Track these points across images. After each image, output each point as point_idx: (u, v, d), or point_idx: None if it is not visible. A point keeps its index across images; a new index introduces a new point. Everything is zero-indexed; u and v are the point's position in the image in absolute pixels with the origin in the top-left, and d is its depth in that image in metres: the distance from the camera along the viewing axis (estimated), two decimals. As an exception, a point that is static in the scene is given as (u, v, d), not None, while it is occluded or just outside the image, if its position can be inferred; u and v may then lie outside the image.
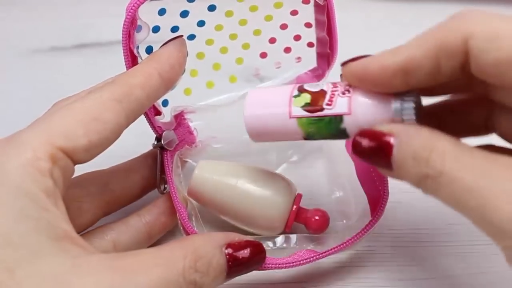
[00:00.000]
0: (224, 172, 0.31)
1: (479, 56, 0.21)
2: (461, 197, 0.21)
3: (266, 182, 0.31)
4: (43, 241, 0.21)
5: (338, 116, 0.26)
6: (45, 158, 0.22)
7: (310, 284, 0.31)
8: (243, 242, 0.26)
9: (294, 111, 0.27)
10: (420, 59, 0.22)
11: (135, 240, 0.30)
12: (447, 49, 0.22)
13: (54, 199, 0.22)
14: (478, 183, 0.21)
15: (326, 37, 0.33)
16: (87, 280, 0.21)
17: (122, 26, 0.27)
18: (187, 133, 0.35)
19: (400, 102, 0.25)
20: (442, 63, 0.22)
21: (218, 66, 0.35)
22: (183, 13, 0.31)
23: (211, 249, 0.25)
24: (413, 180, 0.23)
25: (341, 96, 0.26)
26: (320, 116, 0.26)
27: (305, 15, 0.33)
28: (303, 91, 0.27)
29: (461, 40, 0.21)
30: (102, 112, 0.24)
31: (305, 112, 0.26)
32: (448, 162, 0.22)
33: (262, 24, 0.33)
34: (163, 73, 0.27)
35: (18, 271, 0.20)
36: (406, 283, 0.31)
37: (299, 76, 0.36)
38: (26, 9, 0.54)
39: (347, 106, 0.25)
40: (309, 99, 0.26)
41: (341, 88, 0.26)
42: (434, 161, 0.22)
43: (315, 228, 0.32)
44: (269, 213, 0.30)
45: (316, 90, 0.27)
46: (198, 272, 0.23)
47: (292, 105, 0.27)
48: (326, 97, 0.26)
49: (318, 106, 0.26)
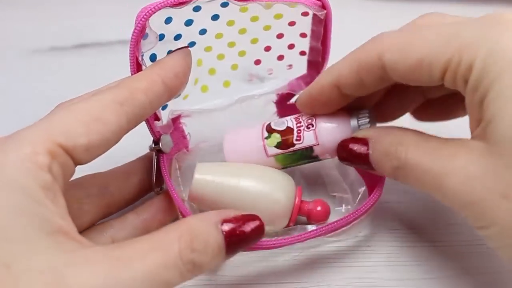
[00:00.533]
0: (224, 173, 0.31)
1: (392, 67, 0.25)
2: (423, 180, 0.25)
3: (267, 179, 0.31)
4: (38, 235, 0.21)
5: (309, 148, 0.31)
6: (43, 153, 0.22)
7: (310, 284, 0.31)
8: (239, 216, 0.25)
9: (269, 151, 0.32)
10: (347, 76, 0.28)
11: (133, 236, 0.30)
12: (366, 67, 0.27)
13: (52, 194, 0.22)
14: (433, 165, 0.24)
15: (319, 47, 0.34)
16: (83, 273, 0.21)
17: (132, 34, 0.27)
18: (181, 138, 0.35)
19: (356, 120, 0.30)
20: (363, 77, 0.27)
21: (214, 71, 0.36)
22: (188, 21, 0.31)
23: (206, 227, 0.24)
24: (389, 173, 0.27)
25: (307, 131, 0.31)
26: (292, 151, 0.31)
27: (302, 26, 0.34)
28: (272, 131, 0.32)
29: (377, 57, 0.26)
30: (103, 113, 0.24)
31: (279, 150, 0.31)
32: (410, 152, 0.26)
33: (260, 33, 0.34)
34: (167, 81, 0.27)
35: (14, 266, 0.20)
36: (406, 283, 0.31)
37: (290, 82, 0.37)
38: (26, 9, 0.54)
39: (314, 138, 0.31)
40: (280, 138, 0.31)
41: (304, 123, 0.31)
42: (400, 153, 0.26)
43: (318, 219, 0.32)
44: (273, 209, 0.30)
45: (283, 128, 0.32)
46: (195, 252, 0.23)
47: (267, 146, 0.32)
48: (294, 134, 0.31)
49: (289, 143, 0.31)
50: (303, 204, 0.32)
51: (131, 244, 0.23)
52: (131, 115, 0.25)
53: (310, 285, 0.31)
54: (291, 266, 0.32)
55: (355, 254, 0.33)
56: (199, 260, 0.23)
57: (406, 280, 0.31)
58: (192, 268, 0.23)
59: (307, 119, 0.32)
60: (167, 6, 0.27)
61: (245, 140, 0.33)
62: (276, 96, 0.38)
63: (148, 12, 0.27)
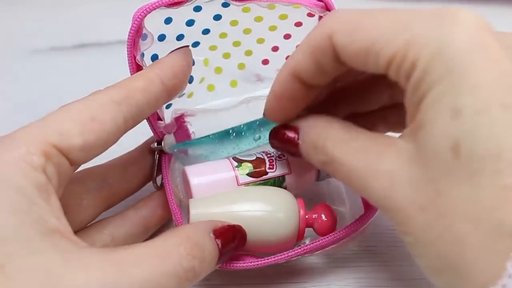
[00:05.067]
0: (220, 203, 0.29)
1: (342, 49, 0.23)
2: (350, 179, 0.24)
3: (266, 201, 0.29)
4: (33, 235, 0.21)
5: (281, 177, 0.31)
6: (38, 153, 0.22)
7: (310, 284, 0.31)
8: (226, 226, 0.27)
9: (241, 179, 0.31)
10: (303, 62, 0.25)
11: (132, 233, 0.31)
12: (319, 49, 0.24)
13: (46, 194, 0.22)
14: (359, 165, 0.23)
15: None
16: (78, 274, 0.20)
17: (128, 34, 0.27)
18: (185, 137, 0.35)
19: None
20: (319, 60, 0.24)
21: (220, 70, 0.36)
22: (189, 22, 0.31)
23: (202, 235, 0.25)
24: (318, 166, 0.26)
25: (279, 160, 0.31)
26: (265, 179, 0.31)
27: (309, 27, 0.33)
28: (241, 161, 0.31)
29: (327, 39, 0.24)
30: (99, 113, 0.24)
31: (251, 178, 0.31)
32: (337, 148, 0.24)
33: (266, 33, 0.34)
34: (165, 80, 0.27)
35: (8, 266, 0.20)
36: (405, 283, 0.31)
37: None
38: (26, 9, 0.54)
39: (287, 167, 0.31)
40: (252, 167, 0.31)
41: (275, 153, 0.32)
42: (327, 148, 0.25)
43: (325, 231, 0.30)
44: (279, 230, 0.29)
45: (253, 158, 0.31)
46: (196, 259, 0.23)
47: (238, 175, 0.31)
48: (266, 163, 0.31)
49: (262, 172, 0.31)
50: (309, 218, 0.30)
51: (128, 249, 0.23)
52: (129, 115, 0.25)
53: (310, 285, 0.31)
54: (291, 266, 0.32)
55: (355, 254, 0.33)
56: (199, 268, 0.23)
57: (405, 280, 0.31)
58: (192, 276, 0.23)
59: (277, 152, 0.32)
60: (162, 6, 0.27)
61: (212, 171, 0.31)
62: None
63: (143, 12, 0.27)
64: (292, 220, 0.29)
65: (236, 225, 0.27)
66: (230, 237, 0.26)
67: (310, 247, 0.29)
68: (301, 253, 0.29)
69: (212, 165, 0.32)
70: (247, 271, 0.31)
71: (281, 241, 0.29)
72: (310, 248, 0.29)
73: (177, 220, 0.30)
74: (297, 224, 0.29)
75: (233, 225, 0.27)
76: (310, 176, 0.33)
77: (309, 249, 0.29)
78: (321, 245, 0.29)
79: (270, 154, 0.32)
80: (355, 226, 0.30)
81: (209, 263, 0.25)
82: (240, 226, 0.27)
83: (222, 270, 0.28)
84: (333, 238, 0.29)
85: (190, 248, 0.23)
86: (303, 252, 0.29)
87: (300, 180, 0.32)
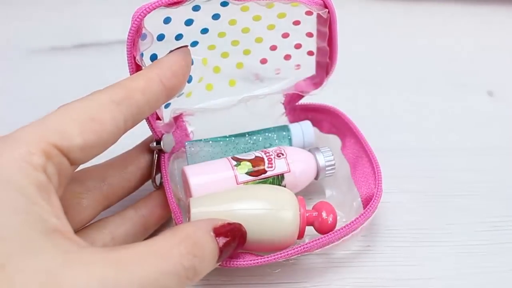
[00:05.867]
0: (221, 201, 0.29)
1: None
2: None
3: (266, 199, 0.29)
4: (33, 235, 0.21)
5: (280, 175, 0.32)
6: (38, 153, 0.22)
7: (310, 284, 0.31)
8: (226, 225, 0.27)
9: (240, 178, 0.31)
10: None
11: (132, 232, 0.31)
12: None
13: (46, 194, 0.22)
14: None
15: (327, 47, 0.34)
16: (79, 274, 0.20)
17: (127, 34, 0.27)
18: (184, 136, 0.35)
19: (320, 152, 0.34)
20: None
21: (218, 69, 0.36)
22: (188, 21, 0.31)
23: (202, 234, 0.25)
24: None
25: (278, 159, 0.32)
26: (264, 178, 0.32)
27: (307, 25, 0.34)
28: (240, 160, 0.32)
29: None
30: (99, 113, 0.24)
31: (250, 177, 0.31)
32: None
33: (264, 32, 0.34)
34: (164, 80, 0.27)
35: (8, 266, 0.20)
36: (405, 283, 0.31)
37: (298, 83, 0.36)
38: (26, 9, 0.54)
39: (286, 166, 0.32)
40: (251, 166, 0.32)
41: (274, 152, 0.33)
42: None
43: (326, 229, 0.30)
44: (280, 227, 0.29)
45: (251, 158, 0.32)
46: (196, 257, 0.23)
47: (238, 174, 0.31)
48: (265, 161, 0.32)
49: (261, 170, 0.32)
50: (309, 216, 0.30)
51: (129, 248, 0.23)
52: (128, 114, 0.25)
53: (310, 285, 0.31)
54: (291, 266, 0.32)
55: (355, 254, 0.33)
56: (199, 266, 0.23)
57: (405, 280, 0.31)
58: (192, 275, 0.23)
59: (276, 150, 0.33)
60: (161, 5, 0.27)
61: (211, 170, 0.31)
62: (284, 97, 0.37)
63: (143, 12, 0.27)
64: (293, 218, 0.29)
65: (236, 223, 0.27)
66: (230, 236, 0.26)
67: (310, 245, 0.29)
68: (301, 251, 0.29)
69: (211, 165, 0.32)
70: (247, 271, 0.31)
71: (281, 240, 0.29)
72: (311, 246, 0.29)
73: (177, 219, 0.30)
74: (298, 222, 0.29)
75: (234, 223, 0.27)
76: (310, 175, 0.33)
77: (309, 247, 0.29)
78: (321, 243, 0.29)
79: (269, 153, 0.32)
80: (354, 225, 0.30)
81: (209, 261, 0.25)
82: (240, 224, 0.27)
83: (222, 269, 0.28)
84: (333, 236, 0.29)
85: (190, 246, 0.23)
86: (303, 250, 0.29)
87: (299, 179, 0.32)
